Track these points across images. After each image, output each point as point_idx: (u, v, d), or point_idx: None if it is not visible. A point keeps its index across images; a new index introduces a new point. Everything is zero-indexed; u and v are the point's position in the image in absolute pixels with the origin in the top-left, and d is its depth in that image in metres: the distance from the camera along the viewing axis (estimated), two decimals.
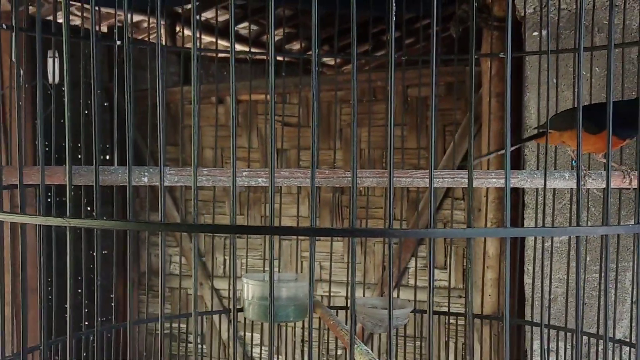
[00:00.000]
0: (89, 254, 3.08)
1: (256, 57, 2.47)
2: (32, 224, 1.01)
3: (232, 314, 0.95)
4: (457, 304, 2.93)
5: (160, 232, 0.92)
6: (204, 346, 3.47)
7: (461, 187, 3.06)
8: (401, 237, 3.10)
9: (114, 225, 0.93)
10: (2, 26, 1.59)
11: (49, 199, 1.72)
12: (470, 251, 0.91)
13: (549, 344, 2.09)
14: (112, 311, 2.39)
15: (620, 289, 2.20)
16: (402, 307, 1.84)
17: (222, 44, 4.45)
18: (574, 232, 0.85)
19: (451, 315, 2.23)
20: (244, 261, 3.37)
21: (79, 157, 2.19)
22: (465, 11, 2.44)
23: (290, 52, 4.65)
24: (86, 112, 3.42)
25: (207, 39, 4.54)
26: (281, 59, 3.54)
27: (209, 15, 4.27)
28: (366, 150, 3.18)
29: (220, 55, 2.25)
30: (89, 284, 2.92)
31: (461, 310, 2.93)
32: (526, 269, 2.36)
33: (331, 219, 3.17)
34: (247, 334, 3.50)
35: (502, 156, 2.51)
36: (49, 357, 1.71)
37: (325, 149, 3.23)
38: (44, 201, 1.03)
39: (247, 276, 1.79)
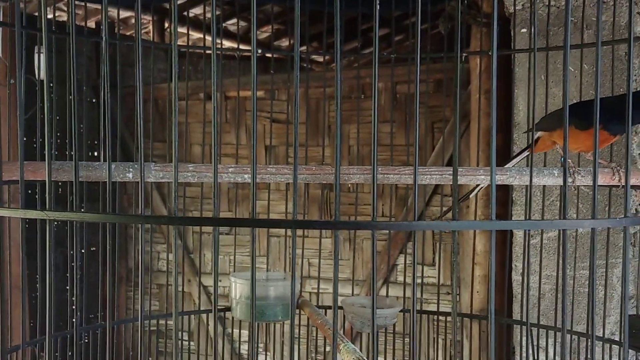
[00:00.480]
0: (77, 251, 3.07)
1: (245, 54, 2.45)
2: (16, 217, 1.00)
3: (214, 309, 0.94)
4: (446, 301, 2.93)
5: (140, 225, 0.91)
6: (191, 343, 3.47)
7: (450, 184, 3.06)
8: (387, 230, 3.10)
9: (92, 218, 0.92)
10: None
11: (36, 195, 1.71)
12: (455, 245, 0.90)
13: (538, 341, 2.09)
14: (100, 308, 2.38)
15: (608, 286, 2.20)
16: (391, 307, 1.84)
17: (209, 39, 4.42)
18: (561, 225, 0.85)
19: (440, 314, 2.23)
20: (232, 258, 3.37)
21: (70, 154, 2.18)
22: (454, 8, 2.44)
23: (279, 48, 4.64)
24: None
25: (195, 35, 4.52)
26: (270, 56, 3.53)
27: (197, 11, 4.25)
28: (355, 147, 3.17)
29: (208, 51, 2.24)
30: (79, 280, 2.90)
31: (450, 307, 2.93)
32: (514, 265, 2.36)
33: (320, 216, 3.17)
34: (235, 331, 3.49)
35: (489, 151, 2.51)
36: (35, 355, 1.70)
37: (313, 146, 3.22)
38: (24, 195, 1.02)
39: (235, 275, 1.78)
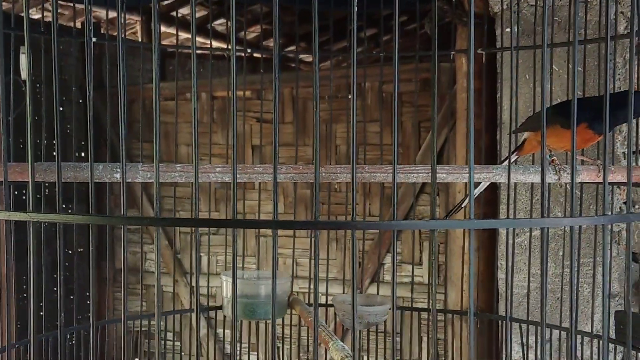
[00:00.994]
0: (65, 252, 3.06)
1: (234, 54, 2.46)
2: None
3: (196, 308, 0.95)
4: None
5: (122, 226, 0.92)
6: (177, 343, 3.47)
7: (438, 183, 3.07)
8: (366, 229, 3.11)
9: (75, 219, 0.92)
10: None
11: (24, 196, 1.71)
12: (433, 243, 0.92)
13: (528, 338, 2.11)
14: (89, 309, 2.37)
15: (595, 284, 2.22)
16: (382, 304, 1.85)
17: (200, 40, 4.43)
18: (540, 224, 0.86)
19: (429, 311, 2.24)
20: (220, 258, 3.37)
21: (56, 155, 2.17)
22: (439, 8, 2.45)
23: (267, 48, 4.65)
24: (62, 109, 3.39)
25: (183, 36, 4.52)
26: (259, 56, 3.54)
27: (185, 11, 4.25)
28: (343, 146, 3.18)
29: (197, 51, 2.24)
30: (66, 282, 2.89)
31: (437, 305, 2.94)
32: (499, 264, 2.38)
33: (307, 216, 3.18)
34: (224, 332, 3.49)
35: (477, 152, 2.53)
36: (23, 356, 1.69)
37: (301, 145, 3.23)
38: (8, 197, 1.02)
39: (226, 274, 1.78)
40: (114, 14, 3.97)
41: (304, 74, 3.63)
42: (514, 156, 1.70)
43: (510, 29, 2.28)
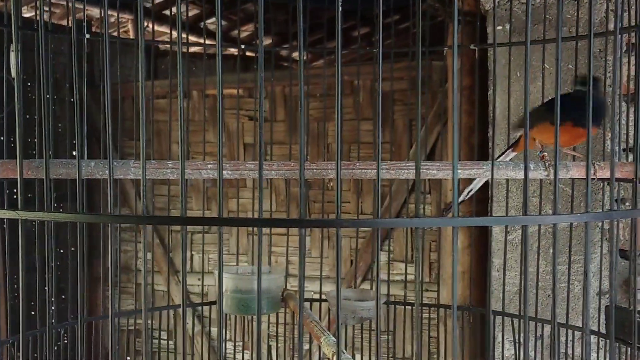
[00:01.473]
0: (57, 251, 3.06)
1: (226, 52, 2.47)
2: None
3: (182, 308, 0.95)
4: (425, 297, 2.96)
5: (109, 224, 0.92)
6: (170, 342, 3.46)
7: (428, 181, 3.09)
8: (351, 227, 3.12)
9: (63, 217, 0.92)
10: None
11: (15, 195, 1.71)
12: (417, 241, 0.92)
13: (519, 334, 2.12)
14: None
15: (585, 281, 2.23)
16: (374, 299, 1.86)
17: (191, 38, 4.42)
18: (521, 221, 0.87)
19: (424, 306, 2.25)
20: (213, 256, 3.37)
21: (50, 153, 2.16)
22: (430, 6, 2.46)
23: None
24: (54, 107, 3.38)
25: (173, 34, 4.50)
26: (251, 54, 3.54)
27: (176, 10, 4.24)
28: (334, 144, 3.19)
29: (190, 50, 2.25)
30: (58, 281, 2.89)
31: (428, 303, 2.95)
32: (492, 261, 2.39)
33: (298, 213, 3.18)
34: (216, 330, 3.49)
35: (469, 149, 2.54)
36: (12, 354, 1.69)
37: (293, 143, 3.23)
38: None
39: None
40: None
41: (295, 72, 3.63)
42: (512, 153, 1.70)
43: (502, 27, 2.29)
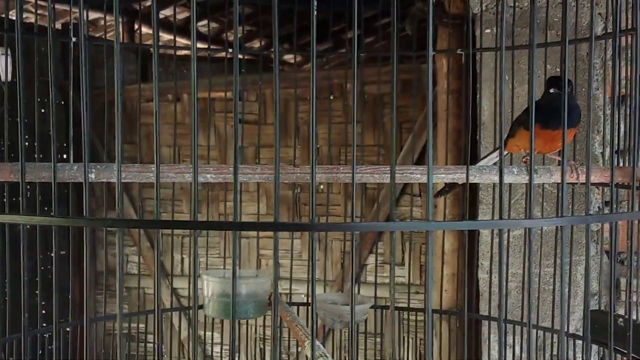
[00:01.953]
0: (46, 254, 3.05)
1: (216, 55, 2.47)
2: None
3: (155, 312, 0.95)
4: (415, 300, 2.95)
5: (85, 227, 0.92)
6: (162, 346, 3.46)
7: (418, 184, 3.09)
8: (326, 231, 3.12)
9: (39, 220, 0.92)
10: None
11: (4, 198, 1.70)
12: (392, 243, 0.93)
13: (506, 337, 2.12)
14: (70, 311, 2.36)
15: (573, 283, 2.24)
16: (361, 303, 1.86)
17: (181, 41, 4.42)
18: (499, 225, 0.87)
19: (411, 310, 2.26)
20: (202, 260, 3.36)
21: (39, 156, 2.16)
22: (419, 9, 2.47)
23: (250, 49, 4.65)
24: (42, 111, 3.38)
25: (165, 37, 4.51)
26: (241, 57, 3.54)
27: (167, 12, 4.24)
28: (325, 147, 3.19)
29: (179, 53, 2.25)
30: (48, 285, 2.89)
31: (419, 306, 2.96)
32: (480, 263, 2.39)
33: (289, 216, 3.18)
34: (206, 333, 3.48)
35: (457, 152, 2.54)
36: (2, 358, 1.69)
37: (283, 147, 3.23)
38: None
39: (207, 273, 1.79)
40: (94, 15, 3.96)
41: (285, 74, 3.64)
42: (497, 158, 1.71)
43: (490, 30, 2.30)
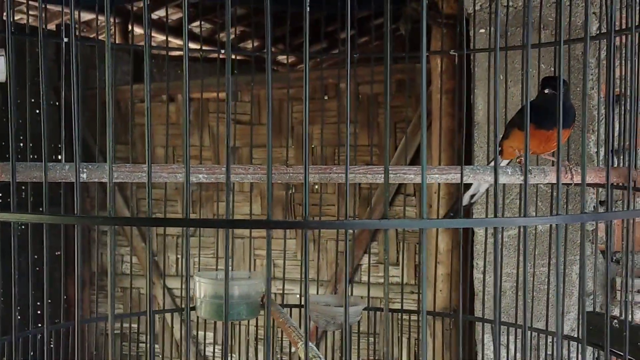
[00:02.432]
0: (40, 255, 3.03)
1: (209, 56, 2.46)
2: None
3: (148, 316, 0.94)
4: (410, 300, 2.95)
5: (75, 225, 0.91)
6: (156, 346, 3.45)
7: (412, 184, 3.09)
8: (319, 229, 3.12)
9: (28, 219, 0.91)
10: None
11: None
12: (386, 242, 0.92)
13: (499, 338, 2.12)
14: (63, 312, 2.35)
15: (567, 283, 2.24)
16: (354, 305, 1.85)
17: (175, 42, 4.42)
18: (493, 223, 0.86)
19: (404, 312, 2.25)
20: (196, 260, 3.35)
21: (32, 156, 2.15)
22: (414, 9, 2.46)
23: (244, 50, 4.64)
24: (37, 111, 3.36)
25: (158, 37, 4.50)
26: (234, 57, 3.53)
27: (161, 13, 4.23)
28: (318, 147, 3.18)
29: (172, 53, 2.24)
30: (40, 285, 2.87)
31: (413, 306, 2.95)
32: (475, 263, 2.39)
33: (284, 217, 3.18)
34: (200, 333, 3.48)
35: (451, 152, 2.54)
36: None
37: (277, 147, 3.23)
38: None
39: (199, 274, 1.78)
40: (87, 16, 3.95)
41: (279, 75, 3.63)
42: (503, 161, 1.71)
43: (484, 30, 2.29)
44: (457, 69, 2.38)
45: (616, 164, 1.96)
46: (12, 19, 0.94)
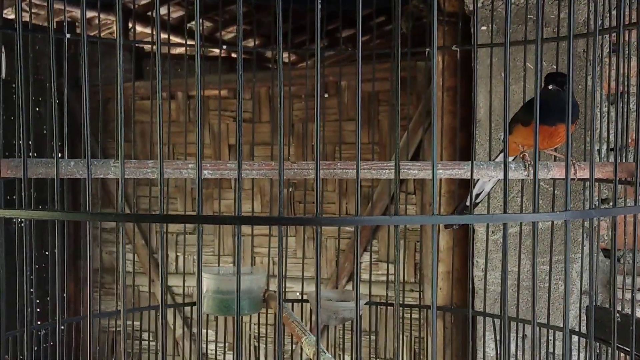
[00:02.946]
0: (42, 252, 3.04)
1: (209, 54, 2.47)
2: None
3: (161, 314, 0.95)
4: (410, 298, 2.95)
5: (82, 224, 0.92)
6: (153, 343, 3.45)
7: (413, 181, 3.09)
8: (328, 225, 3.11)
9: (42, 215, 0.92)
10: None
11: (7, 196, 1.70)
12: (397, 238, 0.92)
13: (502, 334, 2.12)
14: (65, 309, 2.36)
15: (567, 280, 2.24)
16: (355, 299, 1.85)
17: (175, 40, 4.42)
18: (500, 220, 0.86)
19: (405, 307, 2.26)
20: (196, 257, 3.36)
21: (33, 154, 2.16)
22: (415, 6, 2.47)
23: (245, 47, 4.64)
24: (37, 109, 3.37)
25: (161, 36, 4.50)
26: (235, 55, 3.54)
27: (162, 11, 4.23)
28: (319, 145, 3.18)
29: (172, 51, 2.24)
30: (41, 282, 2.87)
31: (413, 303, 2.96)
32: (476, 261, 2.39)
33: (284, 214, 3.18)
34: (201, 330, 3.48)
35: (452, 150, 2.54)
36: None
37: (277, 144, 3.23)
38: None
39: (203, 270, 1.78)
40: (89, 14, 3.95)
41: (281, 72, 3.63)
42: (510, 158, 1.71)
43: (486, 27, 2.30)
44: (459, 66, 2.39)
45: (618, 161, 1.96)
46: (20, 17, 0.95)
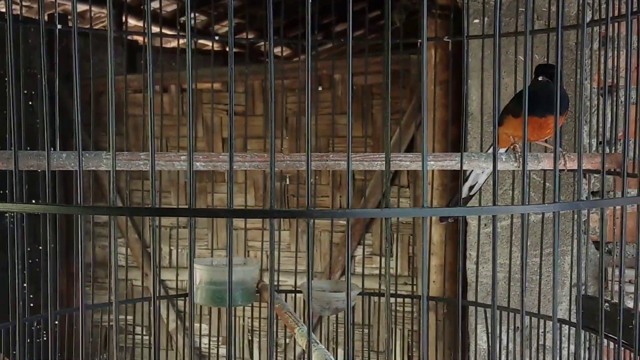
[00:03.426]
0: (34, 247, 3.03)
1: (203, 48, 2.47)
2: None
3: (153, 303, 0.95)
4: (403, 291, 2.96)
5: (74, 217, 0.92)
6: (146, 337, 3.45)
7: (406, 175, 3.10)
8: (319, 218, 3.11)
9: (34, 209, 0.92)
10: None
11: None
12: (387, 230, 0.92)
13: (493, 325, 2.13)
14: (57, 303, 2.36)
15: (559, 272, 2.25)
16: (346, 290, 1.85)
17: (168, 33, 4.42)
18: (491, 212, 0.87)
19: (398, 296, 2.27)
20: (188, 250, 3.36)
21: (26, 148, 2.15)
22: (408, 0, 2.47)
23: (238, 40, 4.63)
24: (30, 103, 3.36)
25: (152, 29, 4.49)
26: (228, 49, 3.54)
27: (154, 5, 4.22)
28: (312, 138, 3.19)
29: (166, 45, 2.24)
30: (34, 276, 2.87)
31: (402, 293, 2.96)
32: (469, 254, 2.40)
33: (277, 208, 3.18)
34: (193, 324, 3.48)
35: (445, 143, 2.55)
36: None
37: (270, 137, 3.23)
38: None
39: (195, 261, 1.79)
40: (81, 7, 3.93)
41: (275, 66, 3.63)
42: (502, 149, 1.72)
43: (479, 20, 2.30)
44: (451, 58, 2.39)
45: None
46: (10, 10, 0.95)
